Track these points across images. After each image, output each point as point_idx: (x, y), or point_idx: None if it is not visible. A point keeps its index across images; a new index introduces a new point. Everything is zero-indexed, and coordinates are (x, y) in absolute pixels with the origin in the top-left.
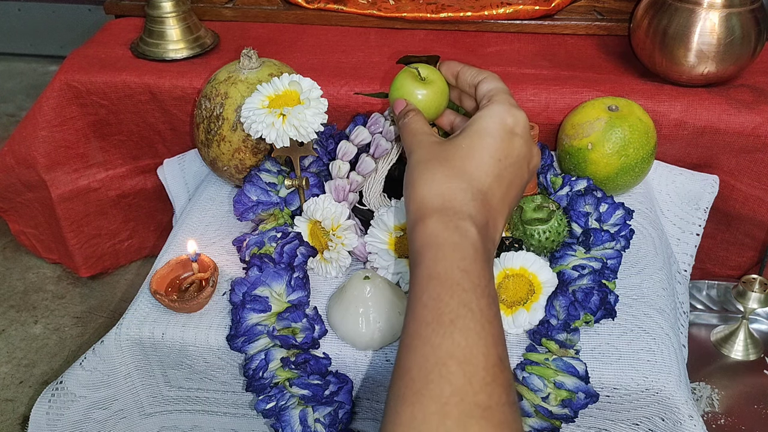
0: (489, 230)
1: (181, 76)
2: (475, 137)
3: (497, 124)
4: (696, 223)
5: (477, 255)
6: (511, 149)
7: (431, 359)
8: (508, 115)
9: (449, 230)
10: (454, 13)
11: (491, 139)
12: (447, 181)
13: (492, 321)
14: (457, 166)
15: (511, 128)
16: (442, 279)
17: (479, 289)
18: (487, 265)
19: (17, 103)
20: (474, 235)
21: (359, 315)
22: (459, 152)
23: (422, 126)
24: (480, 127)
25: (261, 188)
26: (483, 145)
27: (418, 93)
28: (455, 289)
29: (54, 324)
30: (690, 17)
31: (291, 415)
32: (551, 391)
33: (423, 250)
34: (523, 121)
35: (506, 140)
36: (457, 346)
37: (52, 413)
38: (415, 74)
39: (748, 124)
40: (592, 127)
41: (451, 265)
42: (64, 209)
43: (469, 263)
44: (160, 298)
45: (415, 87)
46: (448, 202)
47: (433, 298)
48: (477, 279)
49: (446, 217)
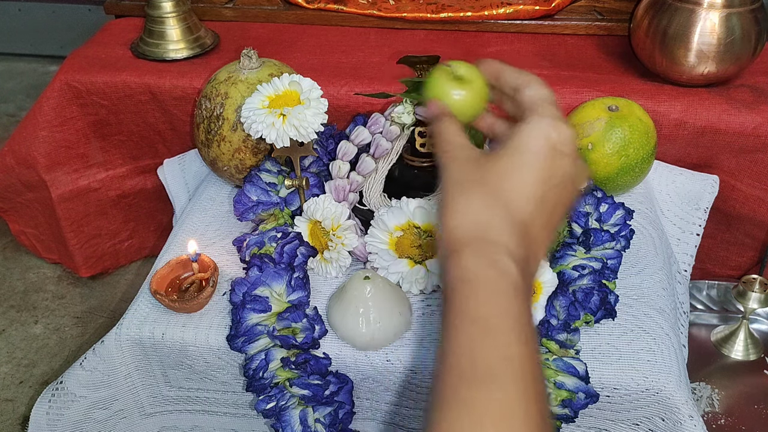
0: (529, 264)
1: (181, 76)
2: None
3: (540, 140)
4: (696, 223)
5: (517, 293)
6: (556, 169)
7: (465, 419)
8: (552, 129)
9: (486, 266)
10: (454, 13)
11: (533, 157)
12: (484, 207)
13: (534, 372)
14: (495, 189)
15: (556, 145)
16: (478, 323)
17: (519, 334)
18: (527, 303)
19: (17, 103)
20: (513, 271)
21: (359, 315)
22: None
23: (457, 136)
24: (521, 144)
25: (261, 188)
26: (524, 164)
27: (455, 93)
28: (493, 336)
29: (54, 324)
30: (690, 17)
31: (291, 415)
32: (551, 391)
33: (457, 286)
34: (570, 137)
35: (550, 159)
36: (495, 403)
37: (52, 413)
38: (452, 72)
39: (748, 124)
40: (592, 127)
41: (487, 306)
42: (64, 209)
43: (508, 304)
44: (160, 298)
45: (451, 86)
46: (485, 233)
47: (468, 346)
48: (516, 322)
49: (482, 250)
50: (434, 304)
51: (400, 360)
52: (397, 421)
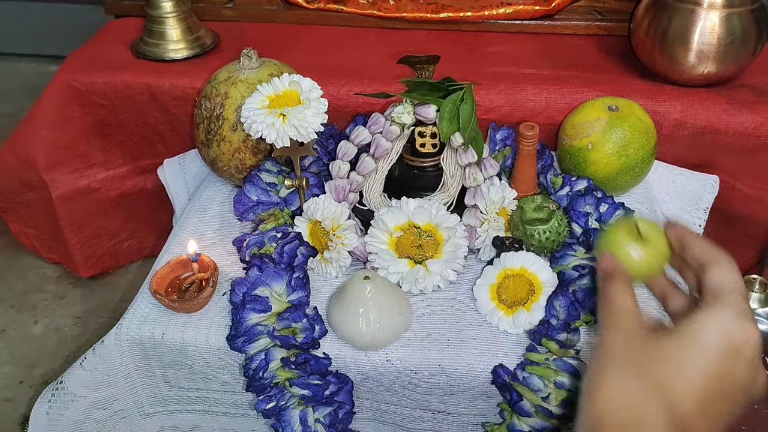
0: None
1: (181, 76)
2: (687, 344)
3: (720, 335)
4: (696, 223)
5: None
6: (732, 372)
7: None
8: (736, 326)
9: None
10: (454, 13)
11: (708, 353)
12: (641, 394)
13: None
14: (657, 375)
15: (738, 345)
16: None
17: None
18: None
19: (17, 103)
20: None
21: (359, 315)
22: (664, 358)
23: (628, 303)
24: (697, 334)
25: (261, 188)
26: (697, 358)
27: (633, 251)
28: None
29: (54, 324)
30: (690, 17)
31: (291, 415)
32: (551, 391)
33: None
34: (755, 339)
35: (728, 360)
36: None
37: (52, 413)
38: (634, 229)
39: (748, 124)
40: (592, 127)
41: None
42: (64, 209)
43: None
44: (160, 298)
45: (630, 244)
46: (636, 423)
47: None
48: None
49: None
50: (434, 304)
51: (400, 360)
52: (397, 421)
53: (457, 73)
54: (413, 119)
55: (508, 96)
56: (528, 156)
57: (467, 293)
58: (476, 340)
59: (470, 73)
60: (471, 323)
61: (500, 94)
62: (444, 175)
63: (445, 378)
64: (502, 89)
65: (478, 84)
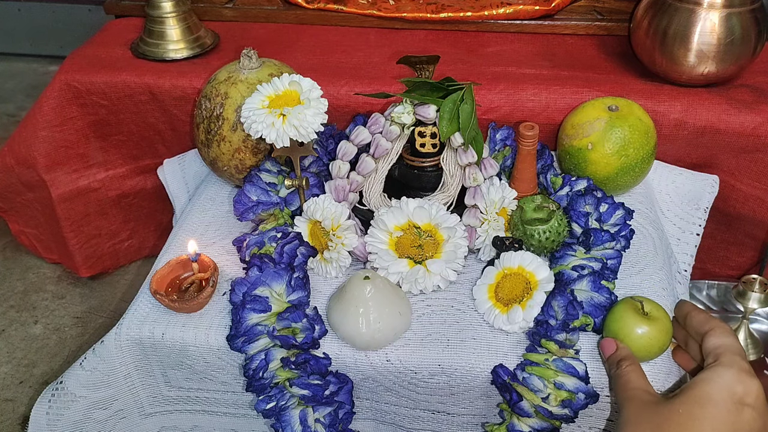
0: None
1: (181, 76)
2: (695, 405)
3: (723, 391)
4: (696, 223)
5: None
6: (739, 423)
7: None
8: (736, 381)
9: None
10: (454, 13)
11: (715, 409)
12: None
13: None
14: None
15: (740, 398)
16: None
17: None
18: None
19: (17, 103)
20: None
21: (359, 315)
22: (675, 420)
23: (638, 379)
24: (702, 393)
25: (261, 188)
26: (704, 415)
27: (639, 329)
28: None
29: (54, 324)
30: (690, 17)
31: (291, 415)
32: (551, 391)
33: None
34: (756, 391)
35: (733, 412)
36: None
37: (52, 413)
38: (638, 308)
39: (748, 124)
40: (592, 127)
41: None
42: (64, 209)
43: None
44: (160, 298)
45: (635, 323)
46: None
47: None
48: None
49: None
50: (434, 304)
51: (400, 360)
52: (397, 421)
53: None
54: (413, 119)
55: (508, 96)
56: (528, 156)
57: (467, 293)
58: (476, 340)
59: (470, 73)
60: (471, 323)
61: (500, 94)
62: (444, 175)
63: (445, 378)
64: (502, 89)
65: (478, 84)
